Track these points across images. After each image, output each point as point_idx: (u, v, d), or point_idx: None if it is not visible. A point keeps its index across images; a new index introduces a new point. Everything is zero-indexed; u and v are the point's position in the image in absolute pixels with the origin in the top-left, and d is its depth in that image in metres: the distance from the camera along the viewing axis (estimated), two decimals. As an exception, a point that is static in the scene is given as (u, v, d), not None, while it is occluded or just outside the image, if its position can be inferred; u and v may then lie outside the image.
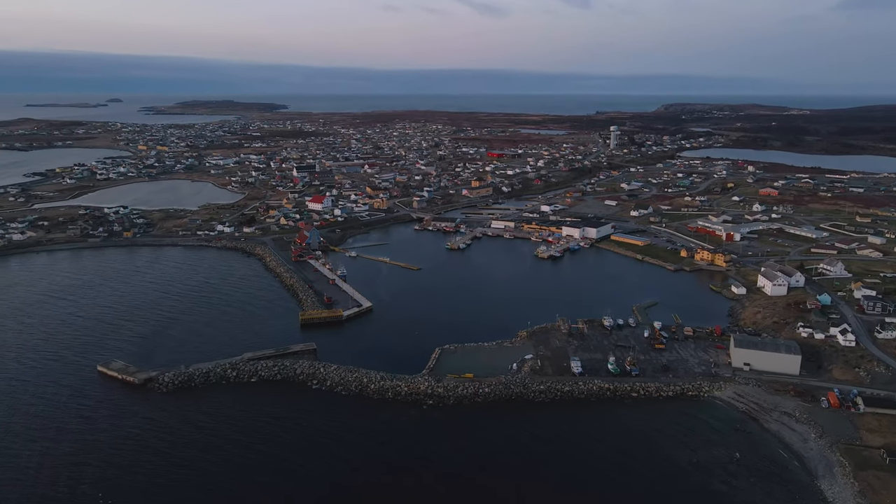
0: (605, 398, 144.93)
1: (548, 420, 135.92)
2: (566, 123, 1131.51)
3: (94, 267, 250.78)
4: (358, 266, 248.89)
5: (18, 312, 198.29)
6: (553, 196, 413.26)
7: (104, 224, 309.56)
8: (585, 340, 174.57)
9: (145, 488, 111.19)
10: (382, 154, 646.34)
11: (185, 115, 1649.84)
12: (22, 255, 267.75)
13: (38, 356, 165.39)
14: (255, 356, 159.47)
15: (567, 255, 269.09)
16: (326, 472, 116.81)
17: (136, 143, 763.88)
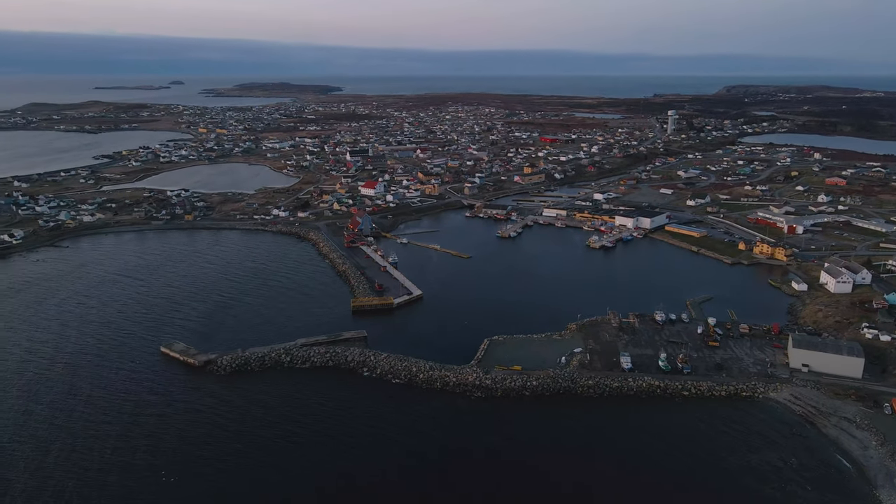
0: (654, 396, 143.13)
1: (595, 416, 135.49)
2: (622, 107, 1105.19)
3: (158, 248, 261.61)
4: (408, 253, 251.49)
5: (94, 290, 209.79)
6: (607, 183, 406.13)
7: (167, 207, 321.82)
8: (636, 335, 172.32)
9: (202, 468, 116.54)
10: (435, 138, 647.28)
11: (242, 97, 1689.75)
12: (92, 236, 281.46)
13: (112, 333, 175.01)
14: (308, 342, 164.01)
15: (619, 246, 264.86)
16: (378, 457, 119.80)
17: (196, 126, 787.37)
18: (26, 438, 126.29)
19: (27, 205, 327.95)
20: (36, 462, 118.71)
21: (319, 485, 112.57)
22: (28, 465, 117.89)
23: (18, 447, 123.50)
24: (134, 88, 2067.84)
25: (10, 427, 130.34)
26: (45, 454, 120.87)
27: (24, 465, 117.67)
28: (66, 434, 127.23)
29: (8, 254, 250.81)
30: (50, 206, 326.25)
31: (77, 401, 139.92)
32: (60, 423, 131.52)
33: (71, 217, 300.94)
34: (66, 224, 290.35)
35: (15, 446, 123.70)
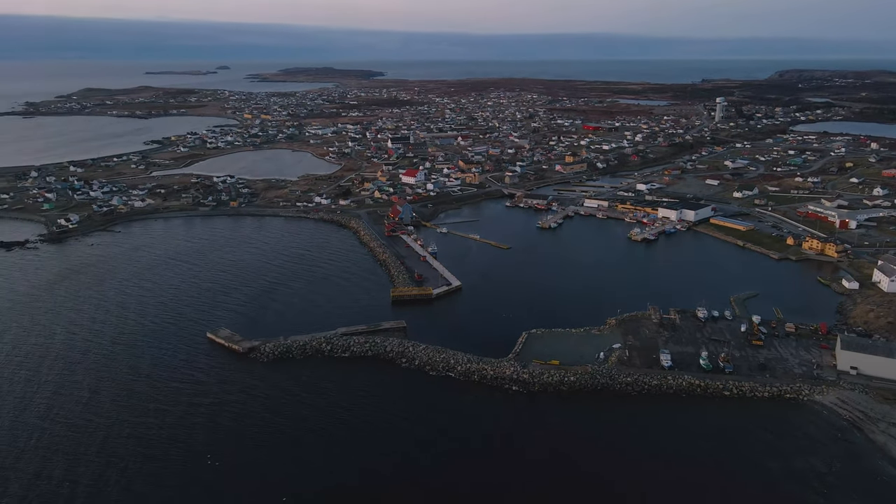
0: (694, 395, 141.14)
1: (633, 415, 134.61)
2: (668, 93, 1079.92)
3: (204, 234, 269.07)
4: (448, 242, 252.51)
5: (146, 274, 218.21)
6: (650, 173, 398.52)
7: (213, 193, 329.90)
8: (677, 332, 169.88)
9: (246, 454, 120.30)
10: (476, 125, 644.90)
11: (287, 82, 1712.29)
12: (142, 221, 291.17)
13: (163, 317, 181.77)
14: (348, 331, 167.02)
15: (662, 239, 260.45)
16: (415, 448, 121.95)
17: (242, 112, 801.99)
18: (96, 417, 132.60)
19: (82, 190, 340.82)
20: (101, 440, 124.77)
21: (357, 473, 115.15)
22: (95, 442, 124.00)
23: (90, 424, 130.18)
24: (182, 73, 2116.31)
25: (80, 405, 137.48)
26: (108, 434, 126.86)
27: (92, 442, 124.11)
28: (126, 415, 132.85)
29: (65, 238, 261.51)
30: (103, 191, 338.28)
31: (133, 384, 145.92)
32: (122, 404, 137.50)
33: (123, 202, 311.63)
34: (119, 209, 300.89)
35: (87, 423, 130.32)
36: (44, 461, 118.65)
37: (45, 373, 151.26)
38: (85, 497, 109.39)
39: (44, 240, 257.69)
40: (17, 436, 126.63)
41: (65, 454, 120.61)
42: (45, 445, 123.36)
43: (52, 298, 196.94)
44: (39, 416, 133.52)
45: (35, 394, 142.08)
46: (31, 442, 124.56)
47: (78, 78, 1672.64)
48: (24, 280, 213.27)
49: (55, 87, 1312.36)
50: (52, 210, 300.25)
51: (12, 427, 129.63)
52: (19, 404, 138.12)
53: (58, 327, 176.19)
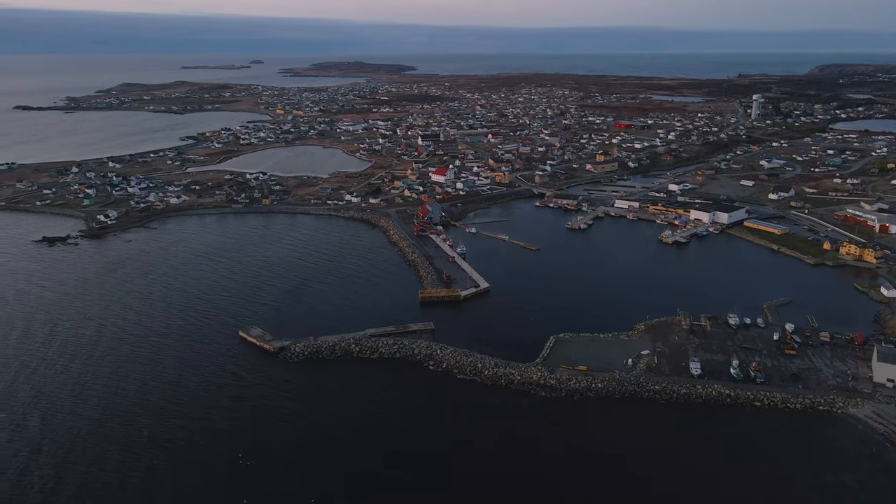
0: (724, 405, 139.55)
1: (661, 423, 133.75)
2: (703, 89, 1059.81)
3: (237, 231, 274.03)
4: (477, 243, 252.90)
5: (182, 271, 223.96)
6: (683, 173, 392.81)
7: (246, 190, 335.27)
8: (707, 339, 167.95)
9: (277, 454, 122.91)
10: (506, 122, 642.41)
11: (318, 76, 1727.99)
12: (178, 218, 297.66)
13: (198, 314, 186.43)
14: (376, 332, 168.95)
15: (694, 242, 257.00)
16: (444, 453, 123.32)
17: (274, 107, 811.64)
18: (121, 413, 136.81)
19: (120, 186, 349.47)
20: (129, 437, 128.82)
21: (385, 477, 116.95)
22: (121, 439, 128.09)
23: (110, 420, 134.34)
24: (216, 68, 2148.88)
25: (105, 401, 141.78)
26: (138, 431, 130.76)
27: (119, 437, 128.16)
28: (168, 412, 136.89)
29: (104, 233, 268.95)
30: (140, 187, 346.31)
31: (171, 381, 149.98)
32: (164, 400, 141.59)
33: (159, 199, 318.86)
34: (155, 205, 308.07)
35: (109, 419, 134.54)
36: (98, 452, 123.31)
37: (79, 369, 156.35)
38: (136, 492, 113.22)
39: (84, 235, 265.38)
40: (53, 430, 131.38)
41: (95, 449, 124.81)
42: (81, 438, 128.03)
43: (93, 293, 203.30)
44: (71, 412, 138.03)
45: (84, 388, 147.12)
46: (69, 436, 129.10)
47: (117, 73, 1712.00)
48: (67, 275, 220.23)
49: (95, 81, 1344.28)
50: (91, 206, 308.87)
51: (46, 422, 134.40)
52: (70, 397, 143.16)
53: (102, 322, 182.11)
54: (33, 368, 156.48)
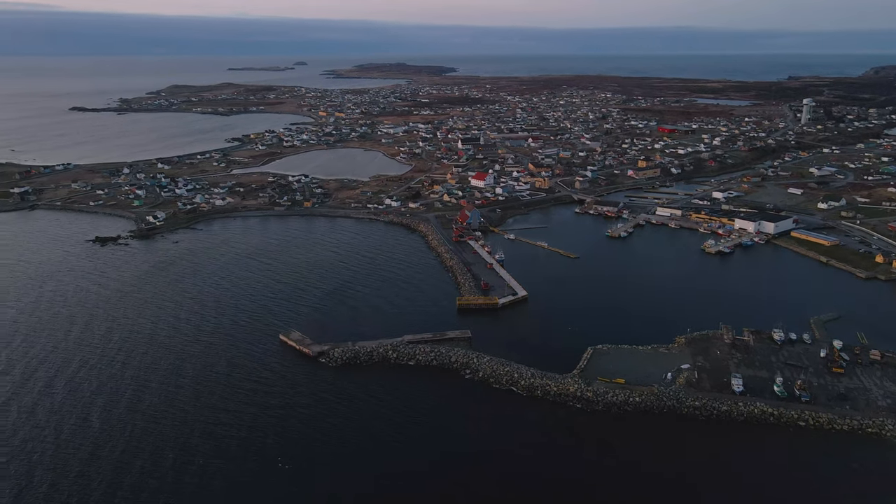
0: (766, 423, 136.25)
1: (700, 440, 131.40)
2: (750, 92, 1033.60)
3: (279, 234, 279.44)
4: (515, 249, 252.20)
5: (226, 272, 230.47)
6: (728, 180, 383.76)
7: (288, 193, 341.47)
8: (750, 354, 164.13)
9: (315, 458, 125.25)
10: (547, 126, 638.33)
11: (360, 78, 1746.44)
12: (223, 219, 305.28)
13: (239, 317, 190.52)
14: (413, 339, 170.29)
15: (738, 252, 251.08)
16: (478, 462, 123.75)
17: (317, 109, 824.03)
18: (181, 412, 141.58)
19: (168, 187, 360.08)
20: (185, 435, 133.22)
21: (421, 483, 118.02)
22: (181, 436, 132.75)
23: (163, 418, 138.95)
24: (261, 70, 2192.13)
25: (180, 396, 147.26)
26: (190, 431, 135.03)
27: (178, 436, 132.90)
28: (207, 412, 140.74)
29: (152, 234, 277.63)
30: (187, 188, 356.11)
31: (213, 382, 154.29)
32: (204, 401, 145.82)
33: (205, 200, 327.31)
34: (201, 207, 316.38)
35: (161, 417, 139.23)
36: (134, 451, 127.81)
37: (136, 365, 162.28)
38: (169, 493, 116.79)
39: (133, 236, 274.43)
40: (112, 426, 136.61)
41: (151, 446, 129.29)
42: (136, 436, 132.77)
43: (146, 292, 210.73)
44: (128, 408, 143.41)
45: (128, 385, 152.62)
46: (126, 433, 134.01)
47: (166, 75, 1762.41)
48: (118, 275, 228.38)
49: (146, 83, 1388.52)
50: (141, 206, 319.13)
51: (105, 417, 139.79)
52: (113, 394, 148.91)
53: (148, 321, 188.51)
54: (92, 364, 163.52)
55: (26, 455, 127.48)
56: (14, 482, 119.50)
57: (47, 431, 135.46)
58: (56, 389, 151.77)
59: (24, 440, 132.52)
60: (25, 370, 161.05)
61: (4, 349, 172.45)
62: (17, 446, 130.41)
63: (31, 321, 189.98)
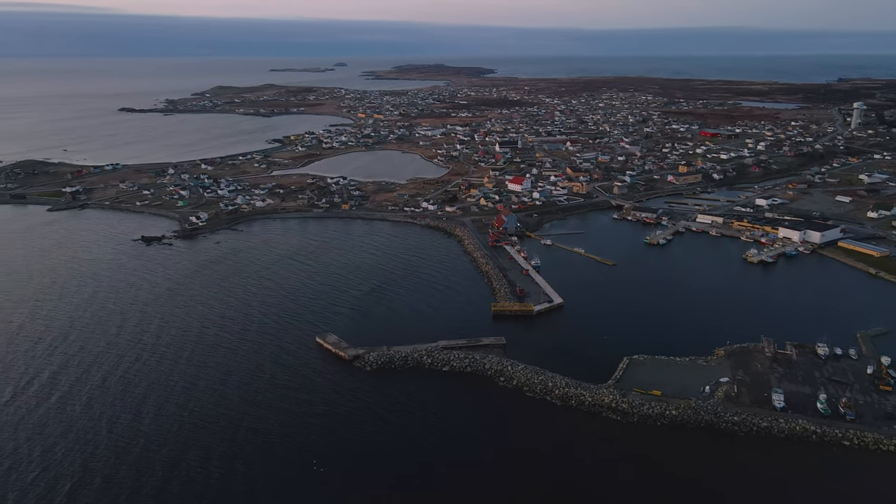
0: (808, 442, 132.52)
1: (738, 457, 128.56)
2: (798, 94, 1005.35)
3: (318, 236, 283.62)
4: (551, 255, 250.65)
5: (266, 271, 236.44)
6: (772, 187, 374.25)
7: (327, 195, 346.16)
8: (793, 369, 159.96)
9: (351, 462, 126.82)
10: (586, 129, 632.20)
11: (399, 79, 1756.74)
12: (262, 221, 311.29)
13: (277, 319, 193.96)
14: (448, 345, 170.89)
15: (781, 262, 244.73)
16: (511, 471, 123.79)
17: (356, 111, 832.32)
18: (225, 412, 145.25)
19: (211, 188, 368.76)
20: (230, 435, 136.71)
21: (454, 490, 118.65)
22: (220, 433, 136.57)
23: (212, 417, 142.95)
24: (302, 71, 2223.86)
25: (218, 397, 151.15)
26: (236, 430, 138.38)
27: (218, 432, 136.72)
28: (250, 413, 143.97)
29: (195, 234, 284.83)
30: (229, 189, 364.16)
31: (254, 383, 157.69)
32: (244, 402, 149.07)
33: (246, 202, 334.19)
34: (242, 208, 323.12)
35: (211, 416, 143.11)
36: (183, 449, 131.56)
37: (184, 364, 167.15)
38: (217, 492, 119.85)
39: (177, 236, 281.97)
40: (160, 423, 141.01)
41: (199, 445, 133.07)
42: (184, 433, 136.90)
43: (189, 293, 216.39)
44: (178, 405, 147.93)
45: (175, 384, 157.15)
46: (173, 430, 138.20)
47: (211, 76, 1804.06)
48: (166, 274, 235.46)
49: (191, 84, 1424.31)
50: (185, 207, 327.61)
51: (157, 414, 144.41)
52: (162, 393, 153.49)
53: (196, 320, 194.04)
54: (144, 361, 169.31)
55: (81, 447, 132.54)
56: (71, 474, 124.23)
57: (102, 423, 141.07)
58: (111, 384, 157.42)
59: (81, 431, 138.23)
60: (81, 364, 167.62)
61: (62, 343, 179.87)
62: (73, 439, 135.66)
63: (87, 317, 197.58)
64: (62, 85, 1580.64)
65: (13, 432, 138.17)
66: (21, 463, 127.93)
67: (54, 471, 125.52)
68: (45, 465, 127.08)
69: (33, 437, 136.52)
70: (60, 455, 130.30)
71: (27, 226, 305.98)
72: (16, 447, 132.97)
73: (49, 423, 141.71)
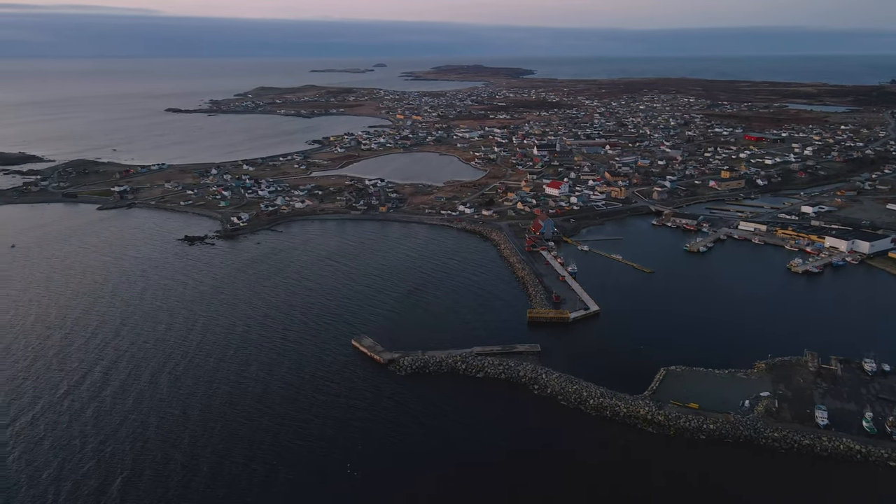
0: (853, 461, 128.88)
1: (778, 475, 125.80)
2: (848, 97, 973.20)
3: (355, 238, 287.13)
4: (588, 262, 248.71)
5: (304, 271, 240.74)
6: (819, 193, 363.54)
7: (364, 197, 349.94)
8: (837, 385, 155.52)
9: (383, 467, 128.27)
10: (626, 132, 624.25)
11: (438, 80, 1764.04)
12: (302, 222, 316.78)
13: (314, 320, 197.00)
14: (482, 351, 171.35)
15: (828, 272, 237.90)
16: (543, 480, 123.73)
17: (394, 112, 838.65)
18: (265, 410, 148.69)
19: (252, 189, 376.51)
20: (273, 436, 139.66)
21: (488, 496, 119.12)
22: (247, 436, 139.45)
23: (263, 418, 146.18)
24: (343, 71, 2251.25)
25: (257, 396, 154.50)
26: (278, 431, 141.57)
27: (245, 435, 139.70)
28: (291, 414, 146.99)
29: (236, 235, 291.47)
30: (269, 190, 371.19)
31: (296, 384, 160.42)
32: (283, 403, 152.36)
33: (286, 202, 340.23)
34: (282, 209, 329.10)
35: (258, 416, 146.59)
36: (227, 447, 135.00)
37: (228, 362, 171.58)
38: (264, 487, 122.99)
39: (219, 236, 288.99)
40: (207, 419, 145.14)
41: (243, 442, 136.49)
42: (229, 432, 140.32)
43: (233, 292, 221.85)
44: (223, 402, 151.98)
45: (220, 383, 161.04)
46: (218, 427, 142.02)
47: (253, 77, 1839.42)
48: (212, 272, 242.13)
49: (234, 84, 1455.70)
50: (227, 207, 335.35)
51: (203, 410, 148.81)
52: (208, 390, 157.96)
53: (236, 319, 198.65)
54: (191, 358, 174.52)
55: (132, 441, 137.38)
56: (122, 467, 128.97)
57: (151, 418, 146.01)
58: (160, 380, 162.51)
59: (132, 425, 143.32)
60: (132, 360, 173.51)
61: (113, 339, 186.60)
62: (125, 433, 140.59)
63: (137, 314, 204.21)
64: (112, 85, 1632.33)
65: (68, 425, 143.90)
66: (75, 454, 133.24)
67: (107, 462, 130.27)
68: (98, 457, 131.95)
69: (87, 429, 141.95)
70: (112, 448, 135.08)
71: (79, 224, 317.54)
72: (70, 439, 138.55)
73: (102, 416, 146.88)
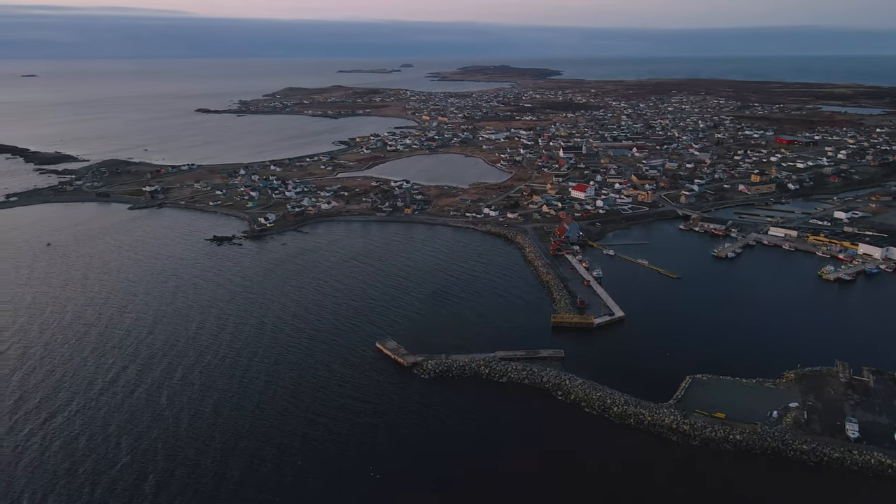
0: (884, 476, 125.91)
1: (806, 489, 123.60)
2: (885, 99, 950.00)
3: (380, 239, 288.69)
4: (614, 266, 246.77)
5: (331, 272, 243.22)
6: (853, 198, 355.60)
7: (390, 198, 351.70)
8: (869, 397, 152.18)
9: (406, 470, 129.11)
10: (654, 135, 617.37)
11: (464, 81, 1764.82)
12: (327, 223, 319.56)
13: (339, 322, 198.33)
14: (506, 356, 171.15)
15: (861, 280, 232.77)
16: (567, 488, 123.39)
17: (420, 113, 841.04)
18: (296, 410, 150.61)
19: (279, 189, 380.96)
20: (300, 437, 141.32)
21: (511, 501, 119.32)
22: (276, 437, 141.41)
23: (291, 418, 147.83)
24: (369, 72, 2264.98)
25: (285, 397, 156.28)
26: (304, 436, 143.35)
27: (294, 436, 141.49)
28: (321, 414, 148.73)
29: (263, 235, 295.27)
30: (296, 191, 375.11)
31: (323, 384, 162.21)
32: (307, 404, 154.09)
33: (312, 203, 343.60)
34: (308, 210, 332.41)
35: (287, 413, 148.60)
36: (259, 446, 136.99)
37: (259, 361, 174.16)
38: (291, 488, 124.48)
39: (246, 236, 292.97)
40: (237, 418, 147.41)
41: (273, 443, 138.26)
42: (258, 432, 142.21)
43: (258, 291, 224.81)
44: (253, 403, 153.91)
45: (251, 382, 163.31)
46: (246, 427, 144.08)
47: (281, 77, 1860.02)
48: (237, 272, 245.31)
49: (262, 85, 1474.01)
50: (254, 208, 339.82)
51: (235, 409, 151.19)
52: (239, 388, 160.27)
53: (266, 319, 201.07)
54: (223, 356, 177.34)
55: (164, 438, 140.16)
56: (156, 463, 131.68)
57: (183, 415, 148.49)
58: (193, 378, 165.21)
59: (166, 422, 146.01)
60: (165, 358, 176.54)
61: (148, 336, 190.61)
62: (160, 429, 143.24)
63: (170, 312, 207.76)
64: (147, 85, 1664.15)
65: (104, 421, 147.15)
66: (111, 450, 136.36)
67: (141, 458, 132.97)
68: (133, 453, 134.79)
69: (123, 425, 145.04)
70: (147, 444, 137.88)
71: (111, 223, 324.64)
72: (107, 435, 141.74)
73: (137, 413, 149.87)
